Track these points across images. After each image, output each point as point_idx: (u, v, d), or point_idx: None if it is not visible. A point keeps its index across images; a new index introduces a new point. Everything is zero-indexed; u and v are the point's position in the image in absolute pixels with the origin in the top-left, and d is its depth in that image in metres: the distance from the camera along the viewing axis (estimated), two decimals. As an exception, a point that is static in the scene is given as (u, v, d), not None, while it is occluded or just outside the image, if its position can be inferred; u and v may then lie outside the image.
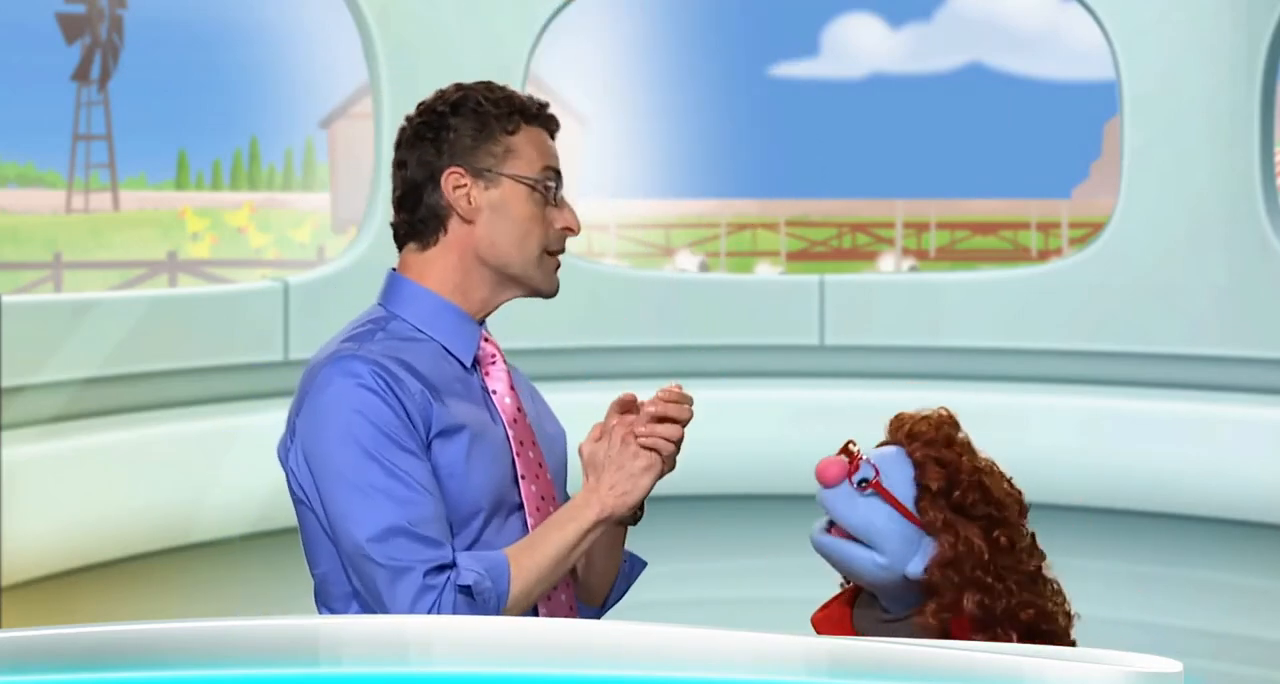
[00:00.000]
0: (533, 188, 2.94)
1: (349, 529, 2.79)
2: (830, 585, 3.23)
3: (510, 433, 2.92)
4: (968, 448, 3.08)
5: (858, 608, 3.14)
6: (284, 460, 2.90)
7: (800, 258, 27.90)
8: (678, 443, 2.88)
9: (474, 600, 2.75)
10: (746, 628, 2.12)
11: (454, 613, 2.75)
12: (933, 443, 3.06)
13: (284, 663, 2.11)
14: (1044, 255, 26.82)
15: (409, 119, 2.99)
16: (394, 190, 2.98)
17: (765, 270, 24.84)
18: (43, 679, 2.08)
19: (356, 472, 2.79)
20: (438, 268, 2.94)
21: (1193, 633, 7.55)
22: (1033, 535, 3.09)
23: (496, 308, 2.99)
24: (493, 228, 2.92)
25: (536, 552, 2.82)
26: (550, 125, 2.99)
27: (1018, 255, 27.69)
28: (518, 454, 2.92)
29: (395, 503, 2.77)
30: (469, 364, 2.93)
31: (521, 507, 2.92)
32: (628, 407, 2.89)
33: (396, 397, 2.81)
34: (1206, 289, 7.85)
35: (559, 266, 2.98)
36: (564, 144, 3.03)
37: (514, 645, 2.13)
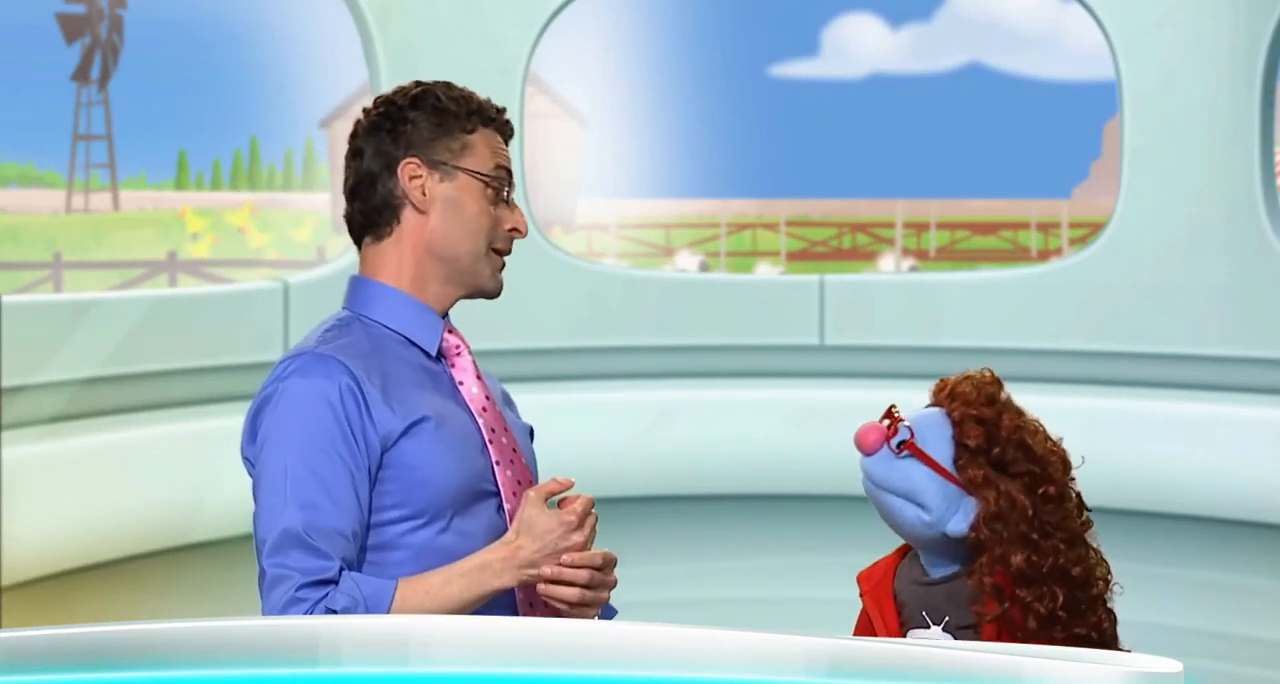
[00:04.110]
0: (486, 184, 2.99)
1: (256, 527, 2.84)
2: (831, 586, 3.24)
3: (480, 421, 2.96)
4: (1009, 407, 3.12)
5: (900, 569, 3.18)
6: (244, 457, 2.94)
7: (800, 258, 27.89)
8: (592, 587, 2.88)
9: None
10: (746, 628, 2.12)
11: None
12: (973, 402, 3.11)
13: (284, 663, 2.11)
14: (1044, 255, 26.81)
15: (366, 111, 3.03)
16: (347, 181, 3.01)
17: (765, 270, 24.82)
18: (43, 679, 2.08)
19: (277, 469, 2.84)
20: (393, 261, 2.99)
21: (1193, 633, 7.54)
22: (1078, 495, 3.11)
23: (452, 304, 3.02)
24: (445, 220, 2.98)
25: (433, 597, 2.82)
26: (505, 130, 3.05)
27: (1018, 255, 27.69)
28: (490, 441, 2.95)
29: (300, 508, 2.80)
30: (434, 354, 2.97)
31: (497, 492, 2.94)
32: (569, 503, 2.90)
33: (347, 396, 2.85)
34: (1206, 289, 7.85)
35: (503, 267, 3.03)
36: (564, 144, 3.06)
37: (514, 645, 2.13)
